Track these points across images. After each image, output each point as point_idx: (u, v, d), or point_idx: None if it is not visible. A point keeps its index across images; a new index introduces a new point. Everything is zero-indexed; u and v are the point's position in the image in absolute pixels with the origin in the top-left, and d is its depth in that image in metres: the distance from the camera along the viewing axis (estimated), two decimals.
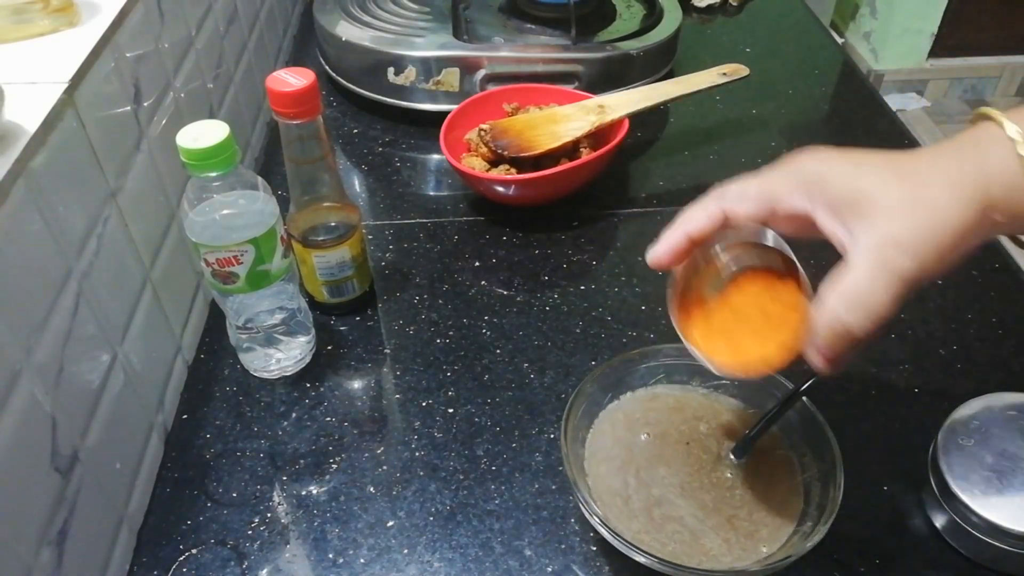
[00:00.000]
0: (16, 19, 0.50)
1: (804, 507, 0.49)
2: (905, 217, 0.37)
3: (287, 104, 0.54)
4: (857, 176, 0.38)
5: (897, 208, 0.37)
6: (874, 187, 0.38)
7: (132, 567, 0.51)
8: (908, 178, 0.38)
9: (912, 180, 0.38)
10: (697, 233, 0.42)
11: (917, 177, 0.38)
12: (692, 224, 0.42)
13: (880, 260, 0.37)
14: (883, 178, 0.38)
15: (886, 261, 0.37)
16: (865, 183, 0.38)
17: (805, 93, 0.96)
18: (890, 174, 0.38)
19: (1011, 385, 0.54)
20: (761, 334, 0.43)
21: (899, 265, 0.36)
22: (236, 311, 0.59)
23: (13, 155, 0.41)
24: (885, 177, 0.38)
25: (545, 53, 0.87)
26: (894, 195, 0.37)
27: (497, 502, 0.53)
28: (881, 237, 0.37)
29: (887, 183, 0.38)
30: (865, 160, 0.39)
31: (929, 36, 2.46)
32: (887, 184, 0.38)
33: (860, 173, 0.38)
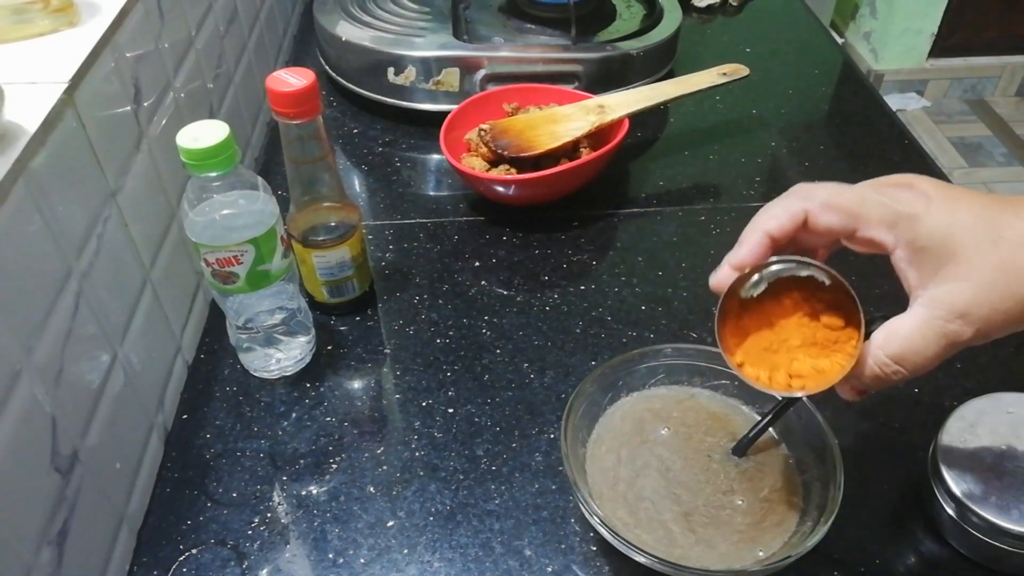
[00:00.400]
0: (16, 19, 0.50)
1: (804, 507, 0.49)
2: (983, 291, 0.35)
3: (287, 104, 0.54)
4: (950, 226, 0.36)
5: (978, 278, 0.35)
6: (963, 245, 0.36)
7: (132, 567, 0.51)
8: (1002, 241, 0.35)
9: (1006, 243, 0.35)
10: (778, 232, 0.40)
11: (1012, 238, 0.35)
12: (773, 223, 0.40)
13: (942, 325, 0.36)
14: (975, 236, 0.36)
15: (948, 329, 0.36)
16: (956, 238, 0.36)
17: (805, 93, 0.96)
18: (984, 231, 0.36)
19: (1011, 385, 0.54)
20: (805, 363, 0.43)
21: (960, 336, 0.36)
22: (236, 311, 0.59)
23: (13, 155, 0.41)
24: (978, 235, 0.36)
25: (545, 53, 0.87)
26: (980, 261, 0.35)
27: (497, 502, 0.53)
28: (951, 305, 0.36)
29: (979, 244, 0.36)
30: (962, 205, 0.37)
31: (929, 36, 2.46)
32: (978, 246, 0.36)
33: (954, 223, 0.36)
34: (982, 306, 0.36)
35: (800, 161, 0.84)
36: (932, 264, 0.37)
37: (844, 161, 0.85)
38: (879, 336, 0.39)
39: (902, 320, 0.38)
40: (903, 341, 0.38)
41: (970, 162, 2.34)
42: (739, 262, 0.41)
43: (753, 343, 0.44)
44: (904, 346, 0.38)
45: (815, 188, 0.40)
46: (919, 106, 2.55)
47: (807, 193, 0.40)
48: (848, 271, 0.42)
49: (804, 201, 0.40)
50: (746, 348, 0.44)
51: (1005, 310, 0.36)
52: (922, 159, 0.84)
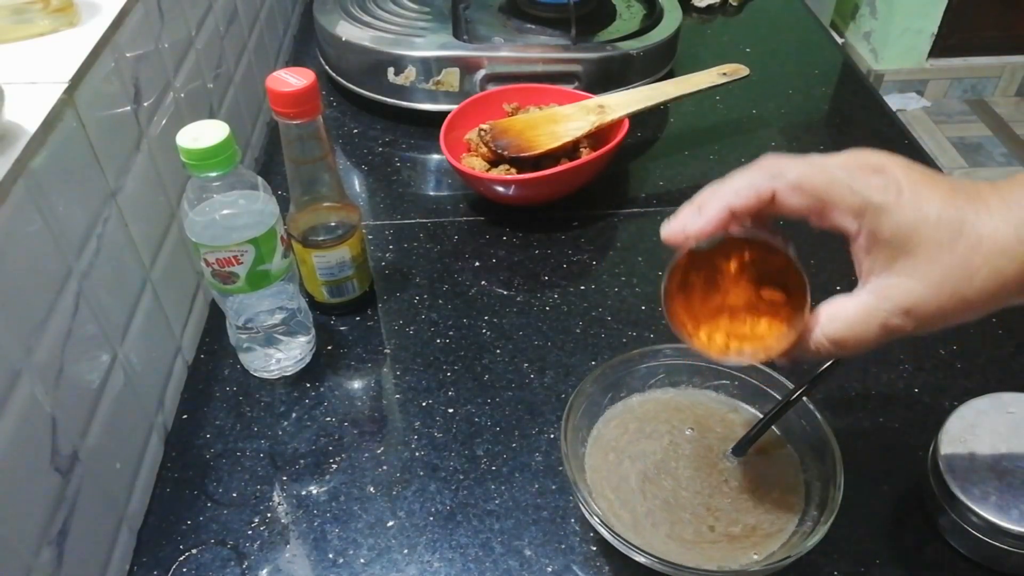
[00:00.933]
0: (16, 19, 0.50)
1: (804, 507, 0.49)
2: (932, 291, 0.35)
3: (287, 104, 0.54)
4: (915, 223, 0.36)
5: (930, 279, 0.35)
6: (923, 243, 0.35)
7: (132, 567, 0.51)
8: (960, 240, 0.35)
9: (963, 243, 0.35)
10: (742, 210, 0.39)
11: (970, 238, 0.35)
12: (739, 201, 0.39)
13: (885, 317, 0.37)
14: (937, 235, 0.35)
15: (890, 322, 0.37)
16: (918, 235, 0.35)
17: (805, 93, 0.96)
18: (945, 231, 0.35)
19: (1011, 385, 0.54)
20: (745, 326, 0.43)
21: (900, 329, 0.37)
22: (236, 311, 0.59)
23: (13, 155, 0.41)
24: (939, 234, 0.35)
25: (545, 53, 0.87)
26: (935, 261, 0.35)
27: (497, 502, 0.53)
28: (899, 300, 0.36)
29: (939, 244, 0.35)
30: (931, 199, 0.36)
31: (929, 36, 2.46)
32: (938, 245, 0.35)
33: (918, 220, 0.35)
34: (928, 305, 0.36)
35: None
36: (889, 255, 0.36)
37: None
38: (822, 315, 0.39)
39: (846, 303, 0.38)
40: (844, 325, 0.38)
41: (970, 162, 2.34)
42: (697, 232, 0.40)
43: (698, 301, 0.43)
44: (845, 331, 0.38)
45: (785, 165, 0.39)
46: (919, 106, 2.55)
47: (777, 169, 0.39)
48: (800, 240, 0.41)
49: (773, 180, 0.39)
50: (690, 306, 0.43)
51: (949, 308, 0.36)
52: (922, 159, 0.84)
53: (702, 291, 0.43)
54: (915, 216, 0.36)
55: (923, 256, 0.35)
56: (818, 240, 0.41)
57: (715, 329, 0.43)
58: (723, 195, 0.40)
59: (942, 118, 2.51)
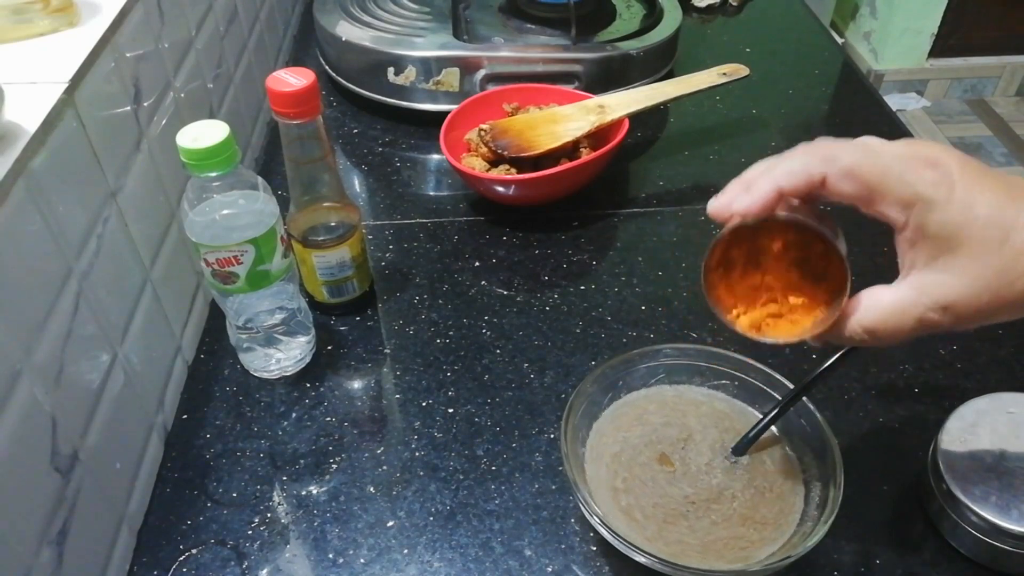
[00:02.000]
0: (16, 19, 0.50)
1: (804, 507, 0.49)
2: (974, 291, 0.35)
3: (287, 104, 0.54)
4: (964, 221, 0.35)
5: (973, 277, 0.35)
6: (970, 242, 0.35)
7: (132, 567, 0.51)
8: (1007, 244, 0.35)
9: (1010, 247, 0.35)
10: (792, 191, 0.38)
11: (1018, 242, 0.35)
12: (789, 182, 0.38)
13: (923, 311, 0.37)
14: (985, 235, 0.35)
15: (927, 316, 0.37)
16: (965, 233, 0.35)
17: (805, 93, 0.96)
18: (994, 231, 0.35)
19: (1011, 385, 0.54)
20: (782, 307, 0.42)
21: (937, 324, 0.37)
22: (236, 311, 0.59)
23: (13, 155, 0.41)
24: (988, 234, 0.35)
25: (545, 53, 0.87)
26: (981, 261, 0.35)
27: (497, 502, 0.53)
28: (939, 296, 0.36)
29: (985, 244, 0.35)
30: (983, 198, 0.35)
31: (929, 36, 2.46)
32: (984, 245, 0.35)
33: (968, 219, 0.35)
34: (968, 303, 0.36)
35: None
36: (933, 251, 0.36)
37: None
38: (860, 303, 0.38)
39: (885, 293, 0.38)
40: (881, 315, 0.38)
41: None
42: (744, 209, 0.40)
43: (737, 278, 0.43)
44: (881, 320, 0.38)
45: (839, 149, 0.38)
46: (919, 106, 2.55)
47: (830, 154, 0.38)
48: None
49: (826, 164, 0.38)
50: (729, 282, 0.43)
51: (987, 309, 0.36)
52: None
53: (742, 268, 0.43)
54: (964, 215, 0.35)
55: (967, 256, 0.35)
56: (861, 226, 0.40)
57: (751, 307, 0.43)
58: (774, 176, 0.39)
59: (942, 118, 2.51)
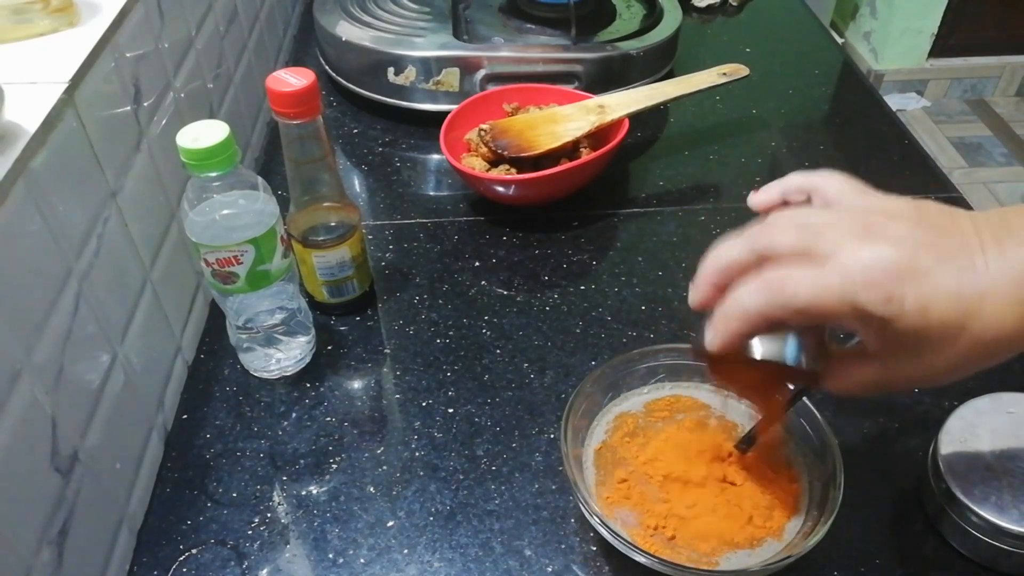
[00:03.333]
0: (16, 19, 0.50)
1: (804, 507, 0.49)
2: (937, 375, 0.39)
3: (287, 104, 0.54)
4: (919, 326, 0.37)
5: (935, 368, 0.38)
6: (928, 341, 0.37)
7: (132, 567, 0.51)
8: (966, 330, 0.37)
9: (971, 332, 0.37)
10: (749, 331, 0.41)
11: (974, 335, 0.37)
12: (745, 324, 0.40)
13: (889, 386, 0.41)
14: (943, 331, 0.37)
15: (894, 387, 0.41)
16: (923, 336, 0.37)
17: (805, 93, 0.96)
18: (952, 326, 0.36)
19: (1011, 385, 0.54)
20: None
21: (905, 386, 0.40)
22: (236, 311, 0.59)
23: (13, 155, 0.41)
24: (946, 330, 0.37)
25: (545, 53, 0.87)
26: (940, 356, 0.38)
27: (497, 502, 0.53)
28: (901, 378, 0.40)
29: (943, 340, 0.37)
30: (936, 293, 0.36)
31: (929, 36, 2.46)
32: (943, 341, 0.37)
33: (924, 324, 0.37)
34: (933, 380, 0.39)
35: (800, 161, 0.84)
36: (895, 350, 0.39)
37: (844, 161, 0.85)
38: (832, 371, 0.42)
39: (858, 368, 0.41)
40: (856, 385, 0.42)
41: (970, 162, 2.34)
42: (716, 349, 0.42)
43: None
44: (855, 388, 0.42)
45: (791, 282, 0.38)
46: (919, 106, 2.55)
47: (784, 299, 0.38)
48: None
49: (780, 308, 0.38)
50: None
51: (952, 378, 0.39)
52: (922, 159, 0.84)
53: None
54: (918, 322, 0.37)
55: (927, 353, 0.38)
56: None
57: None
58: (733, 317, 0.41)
59: (942, 118, 2.51)
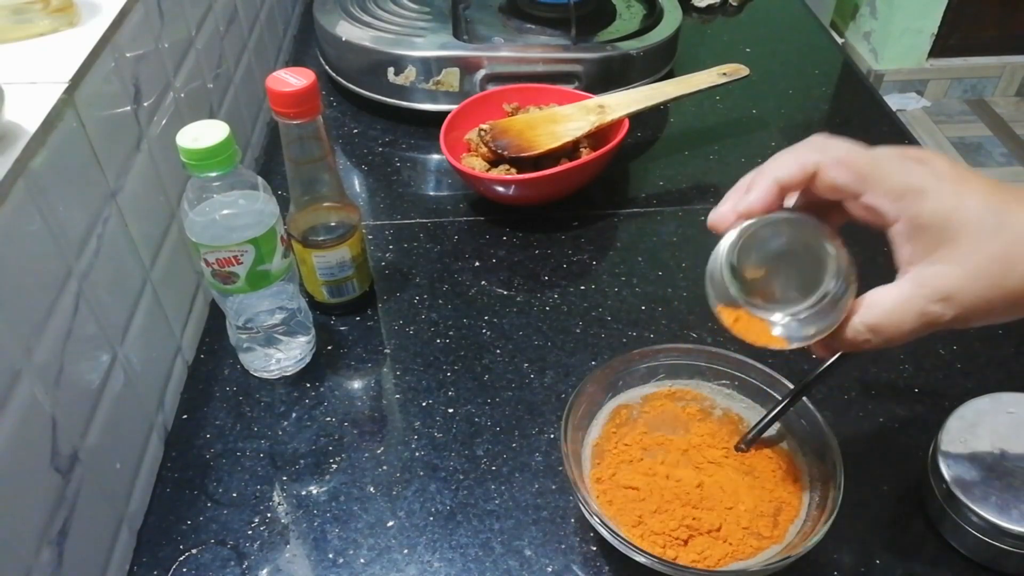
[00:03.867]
0: (16, 19, 0.50)
1: (804, 507, 0.49)
2: (973, 278, 0.35)
3: (287, 104, 0.54)
4: (955, 208, 0.36)
5: (971, 264, 0.35)
6: (964, 229, 0.35)
7: (132, 567, 0.51)
8: (1004, 230, 0.35)
9: (1007, 233, 0.35)
10: (788, 181, 0.40)
11: (1014, 229, 0.35)
12: (784, 172, 0.39)
13: (924, 304, 0.36)
14: (978, 222, 0.35)
15: (928, 308, 0.36)
16: (958, 221, 0.35)
17: (805, 93, 0.96)
18: (988, 219, 0.35)
19: (1011, 385, 0.54)
20: None
21: (939, 317, 0.36)
22: (236, 311, 0.59)
23: (13, 155, 0.41)
24: (981, 221, 0.35)
25: (545, 53, 0.87)
26: (977, 247, 0.35)
27: (497, 502, 0.53)
28: (938, 286, 0.36)
29: (980, 231, 0.35)
30: (972, 189, 0.36)
31: (929, 36, 2.46)
32: (979, 232, 0.35)
33: (960, 206, 0.36)
34: (968, 292, 0.36)
35: None
36: (929, 242, 0.36)
37: None
38: (862, 304, 0.39)
39: (885, 291, 0.38)
40: (882, 313, 0.38)
41: (970, 162, 2.33)
42: (747, 209, 0.41)
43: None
44: (882, 317, 0.38)
45: (831, 142, 0.39)
46: (919, 106, 2.55)
47: (822, 145, 0.39)
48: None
49: (817, 153, 0.39)
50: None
51: (989, 299, 0.36)
52: None
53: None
54: (955, 203, 0.36)
55: (963, 243, 0.35)
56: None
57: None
58: (770, 170, 0.40)
59: (942, 118, 2.51)
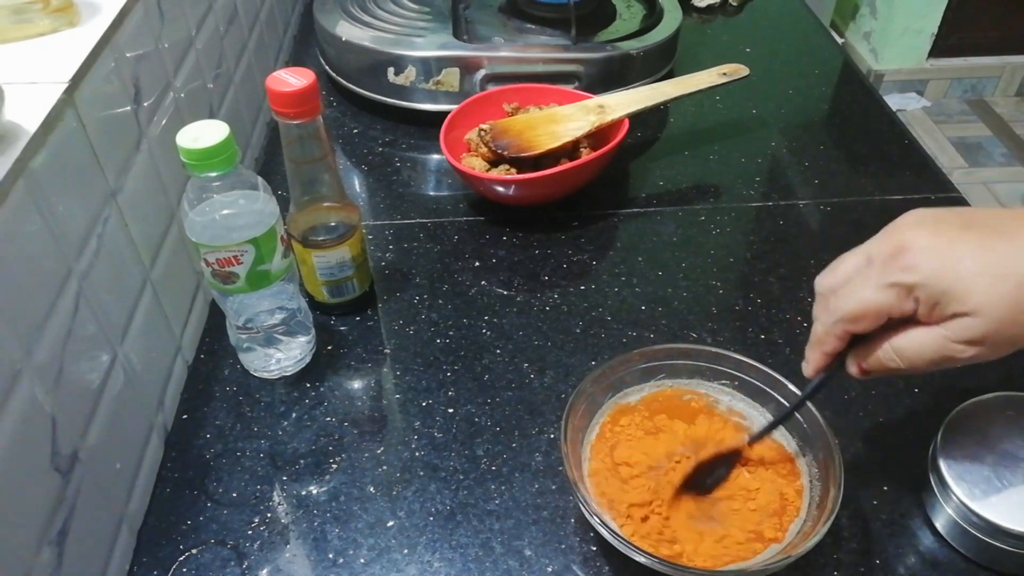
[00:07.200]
0: (16, 19, 0.50)
1: (804, 507, 0.49)
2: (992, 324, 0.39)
3: (287, 104, 0.54)
4: (957, 279, 0.39)
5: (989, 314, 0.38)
6: (972, 292, 0.38)
7: (132, 567, 0.51)
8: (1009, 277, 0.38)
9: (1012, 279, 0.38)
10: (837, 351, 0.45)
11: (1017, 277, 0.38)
12: (830, 348, 0.45)
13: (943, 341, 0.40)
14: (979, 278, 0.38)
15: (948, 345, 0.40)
16: (963, 288, 0.38)
17: (805, 93, 0.96)
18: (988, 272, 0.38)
19: (1011, 385, 0.54)
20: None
21: (958, 353, 0.40)
22: (236, 311, 0.59)
23: (13, 155, 0.41)
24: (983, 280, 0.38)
25: (545, 53, 0.87)
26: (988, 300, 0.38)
27: (497, 502, 0.53)
28: (959, 334, 0.40)
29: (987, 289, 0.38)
30: (959, 253, 0.39)
31: (929, 36, 2.46)
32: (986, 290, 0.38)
33: (955, 276, 0.39)
34: (988, 336, 0.39)
35: (800, 161, 0.84)
36: (944, 309, 0.40)
37: (844, 161, 0.85)
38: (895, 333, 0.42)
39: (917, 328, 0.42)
40: (907, 340, 0.42)
41: (970, 162, 2.33)
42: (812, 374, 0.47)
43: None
44: (906, 342, 0.42)
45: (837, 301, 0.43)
46: (919, 106, 2.55)
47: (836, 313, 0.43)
48: None
49: (844, 324, 0.43)
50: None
51: (1008, 336, 0.39)
52: (922, 159, 0.84)
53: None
54: (954, 276, 0.39)
55: (972, 303, 0.39)
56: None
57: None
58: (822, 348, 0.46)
59: (942, 118, 2.51)
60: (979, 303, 0.38)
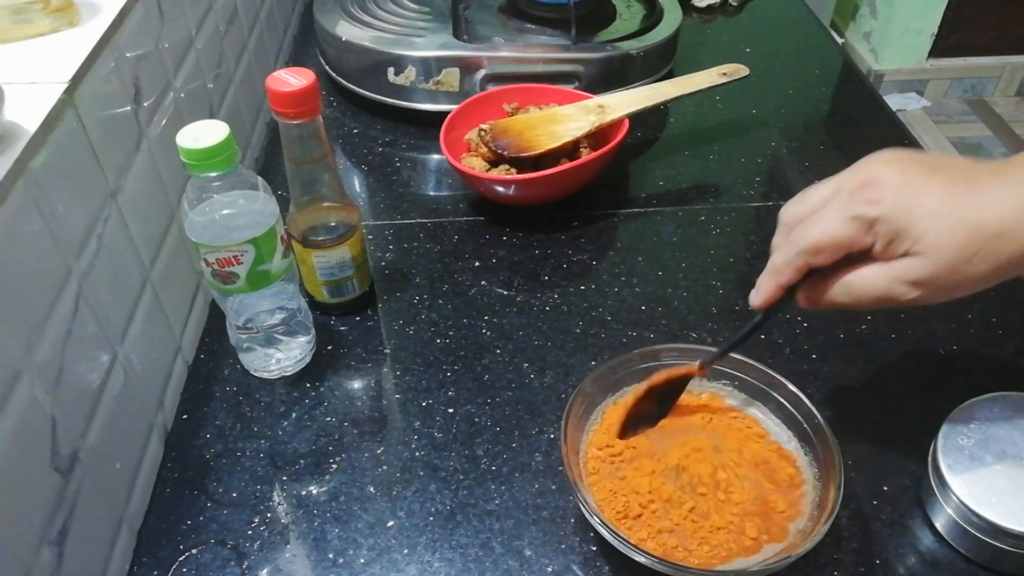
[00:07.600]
0: (16, 19, 0.50)
1: (804, 507, 0.49)
2: (935, 272, 0.40)
3: (287, 104, 0.54)
4: (913, 218, 0.40)
5: (938, 258, 0.39)
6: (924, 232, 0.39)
7: (132, 567, 0.51)
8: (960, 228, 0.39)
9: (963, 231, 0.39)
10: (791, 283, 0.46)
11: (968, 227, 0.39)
12: (784, 279, 0.46)
13: (888, 283, 0.41)
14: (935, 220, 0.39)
15: (892, 287, 0.41)
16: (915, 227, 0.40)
17: (805, 93, 0.96)
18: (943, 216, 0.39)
19: (1011, 385, 0.54)
20: None
21: (901, 295, 0.41)
22: (236, 311, 0.59)
23: (13, 155, 0.41)
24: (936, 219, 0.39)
25: (545, 53, 0.87)
26: (941, 243, 0.39)
27: (497, 502, 0.53)
28: (905, 275, 0.41)
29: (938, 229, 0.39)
30: (926, 193, 0.40)
31: (929, 36, 2.46)
32: (938, 230, 0.39)
33: (913, 216, 0.40)
34: (932, 279, 0.40)
35: (800, 161, 0.84)
36: (895, 246, 0.41)
37: (844, 161, 0.84)
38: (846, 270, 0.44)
39: (866, 266, 0.43)
40: (857, 277, 0.43)
41: None
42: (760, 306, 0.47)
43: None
44: (855, 279, 0.43)
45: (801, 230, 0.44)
46: (919, 106, 2.55)
47: (798, 243, 0.44)
48: None
49: (805, 257, 0.44)
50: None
51: (952, 282, 0.40)
52: None
53: None
54: (911, 214, 0.40)
55: (924, 244, 0.40)
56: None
57: None
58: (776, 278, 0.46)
59: (942, 118, 2.51)
60: (929, 244, 0.39)
